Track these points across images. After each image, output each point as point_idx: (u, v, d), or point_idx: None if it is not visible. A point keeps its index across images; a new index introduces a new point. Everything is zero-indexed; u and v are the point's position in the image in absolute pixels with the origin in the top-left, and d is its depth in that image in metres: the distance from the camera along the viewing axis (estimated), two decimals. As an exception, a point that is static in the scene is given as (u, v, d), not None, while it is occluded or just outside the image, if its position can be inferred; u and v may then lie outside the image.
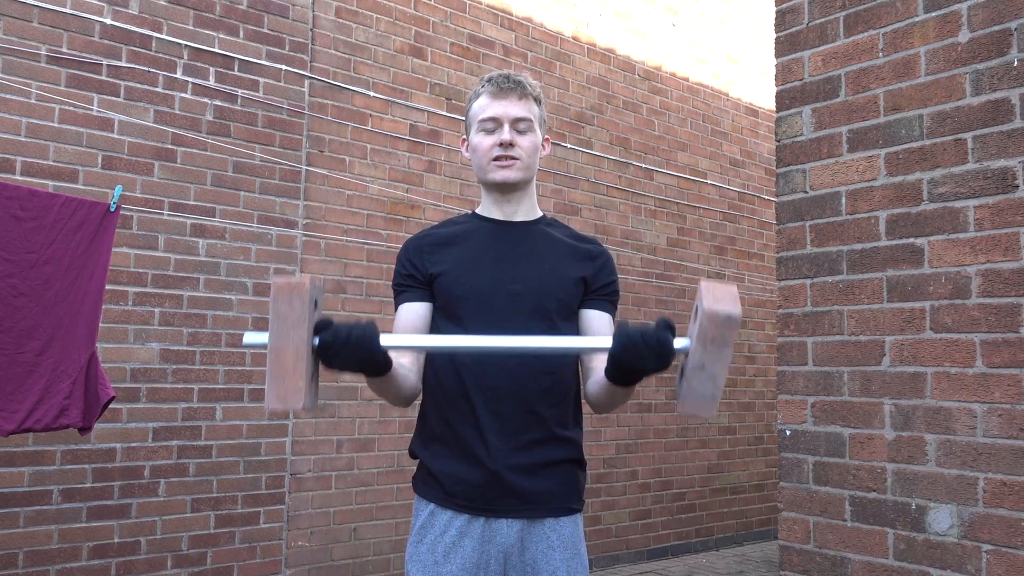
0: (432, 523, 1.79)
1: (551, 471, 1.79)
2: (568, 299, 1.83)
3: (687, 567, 6.12)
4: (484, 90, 1.89)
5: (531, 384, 1.76)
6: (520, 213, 1.91)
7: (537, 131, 1.89)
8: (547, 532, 1.78)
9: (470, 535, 1.75)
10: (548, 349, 1.56)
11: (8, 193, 3.20)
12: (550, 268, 1.84)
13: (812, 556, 2.86)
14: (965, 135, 2.59)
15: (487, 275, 1.82)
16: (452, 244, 1.87)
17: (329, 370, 1.48)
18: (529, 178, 1.89)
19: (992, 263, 2.51)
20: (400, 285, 1.87)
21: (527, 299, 1.79)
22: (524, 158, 1.85)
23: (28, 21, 4.03)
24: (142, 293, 4.29)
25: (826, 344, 2.88)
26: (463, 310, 1.79)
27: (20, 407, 3.17)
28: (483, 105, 1.88)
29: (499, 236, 1.88)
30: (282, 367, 1.37)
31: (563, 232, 1.94)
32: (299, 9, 4.88)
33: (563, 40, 6.12)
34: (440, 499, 1.79)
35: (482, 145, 1.86)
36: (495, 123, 1.86)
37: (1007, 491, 2.42)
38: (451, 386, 1.78)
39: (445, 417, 1.79)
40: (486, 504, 1.75)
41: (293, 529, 4.71)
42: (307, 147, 4.88)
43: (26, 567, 3.88)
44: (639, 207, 6.46)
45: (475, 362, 1.76)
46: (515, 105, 1.86)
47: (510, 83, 1.87)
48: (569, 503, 1.81)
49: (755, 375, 7.17)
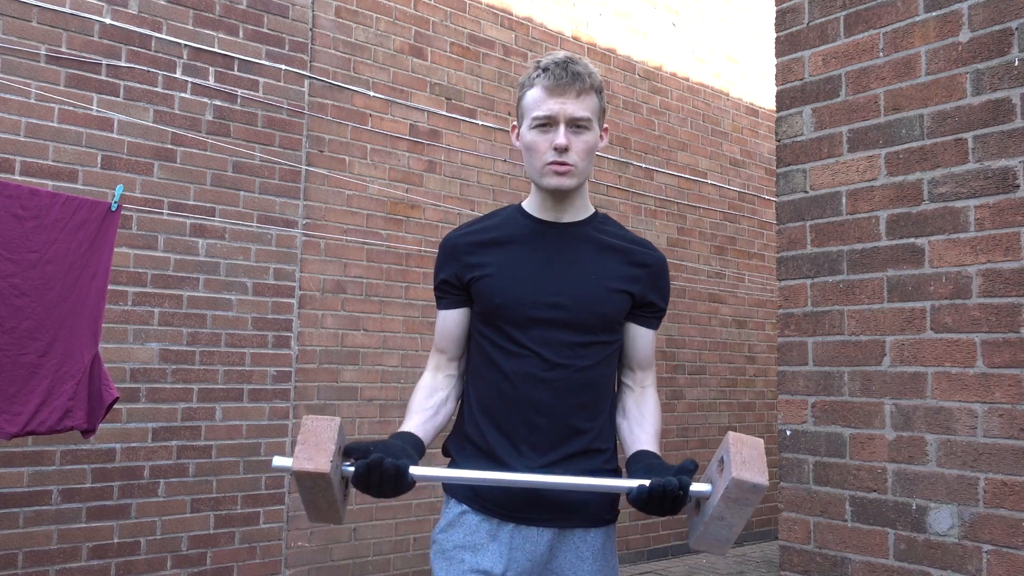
0: (461, 522, 1.73)
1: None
2: (613, 312, 1.74)
3: (687, 567, 6.12)
4: (539, 80, 1.69)
5: (570, 399, 1.70)
6: (569, 214, 1.77)
7: (594, 128, 1.71)
8: (577, 542, 1.72)
9: (499, 539, 1.69)
10: (577, 487, 1.55)
11: (9, 192, 3.19)
12: (597, 279, 1.73)
13: (812, 556, 2.86)
14: (965, 135, 2.59)
15: (528, 284, 1.71)
16: (494, 245, 1.76)
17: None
18: (582, 181, 1.74)
19: (993, 263, 2.50)
20: (439, 290, 1.81)
21: (568, 311, 1.70)
22: (580, 164, 1.69)
23: (27, 21, 4.03)
24: (142, 293, 4.29)
25: (826, 344, 2.88)
26: (501, 319, 1.71)
27: (23, 409, 3.16)
28: (537, 99, 1.69)
29: (544, 240, 1.76)
30: (317, 509, 1.50)
31: (615, 233, 1.81)
32: (299, 9, 4.88)
33: (563, 40, 6.12)
34: (470, 500, 1.72)
35: (537, 146, 1.70)
36: (550, 121, 1.68)
37: (1008, 491, 2.42)
38: (490, 395, 1.73)
39: (481, 427, 1.74)
40: (517, 510, 1.69)
41: (293, 529, 4.70)
42: (307, 147, 4.88)
43: (26, 567, 3.88)
44: (639, 207, 6.46)
45: (514, 374, 1.70)
46: (573, 103, 1.67)
47: (568, 76, 1.67)
48: (603, 514, 1.75)
49: (755, 375, 7.17)
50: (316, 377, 4.85)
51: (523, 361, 1.70)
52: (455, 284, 1.77)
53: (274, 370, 4.66)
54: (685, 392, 6.63)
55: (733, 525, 1.44)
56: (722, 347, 6.95)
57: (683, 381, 6.63)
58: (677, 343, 6.61)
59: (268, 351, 4.66)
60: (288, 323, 4.75)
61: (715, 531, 1.45)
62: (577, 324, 1.70)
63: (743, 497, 1.41)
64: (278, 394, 4.68)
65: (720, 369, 6.91)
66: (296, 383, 4.77)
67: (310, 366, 4.83)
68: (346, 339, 4.97)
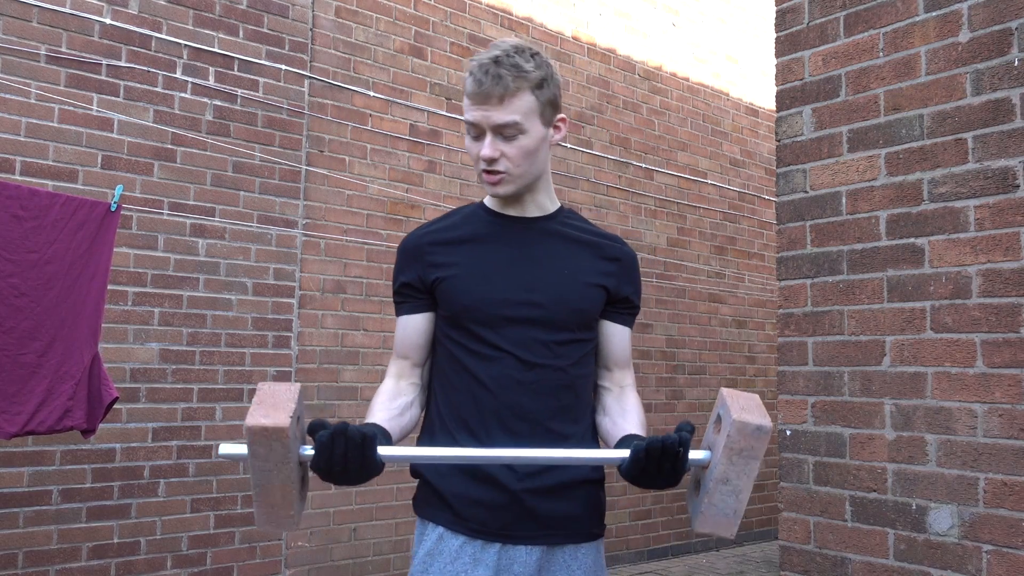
0: (441, 549, 1.58)
1: (573, 493, 1.61)
2: (590, 308, 1.65)
3: (687, 567, 6.12)
4: (466, 86, 1.60)
5: (551, 401, 1.60)
6: (532, 209, 1.68)
7: (530, 130, 1.59)
8: (568, 560, 1.61)
9: (484, 563, 1.55)
10: (560, 460, 1.43)
11: (8, 192, 3.19)
12: (570, 274, 1.64)
13: (812, 556, 2.86)
14: (965, 135, 2.59)
15: (498, 282, 1.61)
16: (457, 244, 1.66)
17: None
18: (526, 183, 1.64)
19: (992, 263, 2.50)
20: (399, 294, 1.69)
21: (543, 308, 1.60)
22: (514, 170, 1.59)
23: (27, 21, 4.03)
24: (142, 293, 4.29)
25: (826, 344, 2.88)
26: (471, 321, 1.60)
27: (23, 409, 3.16)
28: (467, 105, 1.61)
29: (511, 236, 1.66)
30: (270, 500, 1.32)
31: (583, 228, 1.72)
32: (299, 9, 4.88)
33: (563, 40, 6.12)
34: (450, 522, 1.58)
35: (471, 152, 1.63)
36: (477, 130, 1.60)
37: (1008, 491, 2.42)
38: (463, 404, 1.61)
39: (455, 436, 1.60)
40: (502, 528, 1.56)
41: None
42: (307, 147, 4.88)
43: (26, 567, 3.88)
44: (639, 207, 6.46)
45: (490, 378, 1.59)
46: (497, 110, 1.56)
47: (489, 81, 1.55)
48: (591, 528, 1.65)
49: (755, 375, 7.17)
50: (316, 377, 4.85)
51: (498, 364, 1.59)
52: (417, 287, 1.66)
53: (274, 370, 4.66)
54: (685, 392, 6.63)
55: (739, 489, 1.34)
56: (722, 347, 6.95)
57: (683, 381, 6.63)
58: (677, 343, 6.61)
59: (268, 351, 4.66)
60: (288, 323, 4.75)
61: (720, 501, 1.35)
62: (553, 321, 1.61)
63: (747, 446, 1.32)
64: (278, 394, 4.67)
65: (720, 369, 6.91)
66: (296, 383, 4.76)
67: (310, 366, 4.83)
68: (346, 339, 4.97)
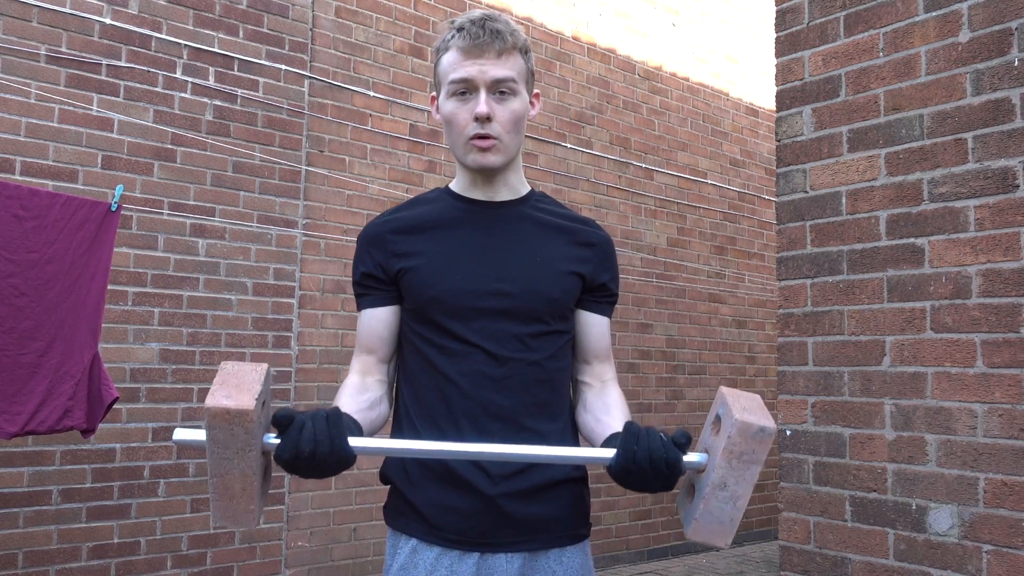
0: (415, 562, 1.47)
1: (554, 494, 1.51)
2: (564, 297, 1.54)
3: (687, 567, 6.12)
4: (454, 42, 1.49)
5: (526, 398, 1.49)
6: (503, 192, 1.57)
7: (520, 93, 1.51)
8: (552, 566, 1.50)
9: (462, 575, 1.45)
10: (545, 458, 1.33)
11: (8, 192, 3.20)
12: (542, 261, 1.54)
13: (812, 556, 2.86)
14: (965, 135, 2.59)
15: (466, 271, 1.50)
16: (421, 231, 1.54)
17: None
18: (511, 156, 1.53)
19: (992, 263, 2.50)
20: (360, 285, 1.57)
21: (516, 300, 1.50)
22: (505, 137, 1.49)
23: (27, 21, 4.03)
24: (142, 293, 4.29)
25: (826, 344, 2.88)
26: (438, 313, 1.50)
27: (23, 409, 3.16)
28: (453, 62, 1.49)
29: (480, 222, 1.55)
30: (229, 491, 1.20)
31: (556, 212, 1.62)
32: (299, 9, 4.88)
33: (563, 40, 6.12)
34: (424, 533, 1.47)
35: (456, 117, 1.49)
36: (469, 87, 1.48)
37: (1008, 491, 2.42)
38: (432, 404, 1.50)
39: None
40: (480, 536, 1.46)
41: (293, 529, 4.70)
42: (307, 147, 4.88)
43: (26, 567, 3.88)
44: (639, 207, 6.46)
45: (459, 375, 1.48)
46: (494, 64, 1.47)
47: (487, 34, 1.47)
48: (576, 529, 1.54)
49: (755, 375, 7.17)
50: (316, 377, 4.85)
51: (468, 359, 1.49)
52: (380, 277, 1.54)
53: (274, 370, 4.66)
54: (685, 392, 6.63)
55: (737, 496, 1.26)
56: (722, 347, 6.95)
57: (683, 381, 6.63)
58: (677, 343, 6.61)
59: (268, 351, 4.66)
60: (288, 323, 4.75)
61: (716, 508, 1.26)
62: (526, 312, 1.50)
63: (748, 449, 1.24)
64: (278, 394, 4.67)
65: (720, 369, 6.91)
66: (296, 383, 4.77)
67: (310, 366, 4.83)
68: (346, 339, 4.97)
